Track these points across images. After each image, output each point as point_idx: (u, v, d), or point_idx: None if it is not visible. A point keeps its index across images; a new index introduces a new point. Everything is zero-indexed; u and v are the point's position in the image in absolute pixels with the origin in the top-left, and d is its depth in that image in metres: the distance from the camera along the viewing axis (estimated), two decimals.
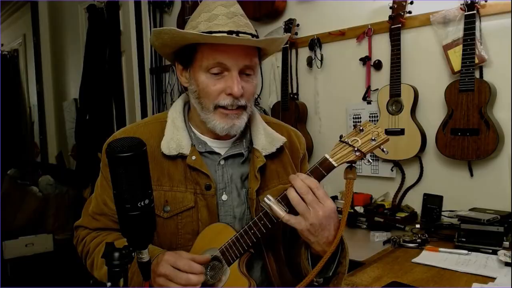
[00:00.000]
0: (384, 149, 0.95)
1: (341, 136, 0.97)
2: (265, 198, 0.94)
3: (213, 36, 0.96)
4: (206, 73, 1.01)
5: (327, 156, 0.94)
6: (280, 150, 1.13)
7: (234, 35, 0.96)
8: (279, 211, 0.92)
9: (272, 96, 2.60)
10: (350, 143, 0.94)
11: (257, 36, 1.02)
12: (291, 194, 0.92)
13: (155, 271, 0.93)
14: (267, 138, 1.11)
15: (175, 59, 1.10)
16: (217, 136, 1.10)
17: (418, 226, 1.90)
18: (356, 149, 0.93)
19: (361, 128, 0.95)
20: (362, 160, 0.95)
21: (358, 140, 0.94)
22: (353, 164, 0.95)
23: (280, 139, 1.13)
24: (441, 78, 1.94)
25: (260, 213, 0.97)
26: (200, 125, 1.11)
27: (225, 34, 0.96)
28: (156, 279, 0.93)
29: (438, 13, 1.91)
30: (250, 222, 0.98)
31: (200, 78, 1.02)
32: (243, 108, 1.03)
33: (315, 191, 0.91)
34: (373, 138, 0.93)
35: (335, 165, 0.93)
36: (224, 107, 1.01)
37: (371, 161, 0.96)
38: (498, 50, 1.78)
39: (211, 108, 1.02)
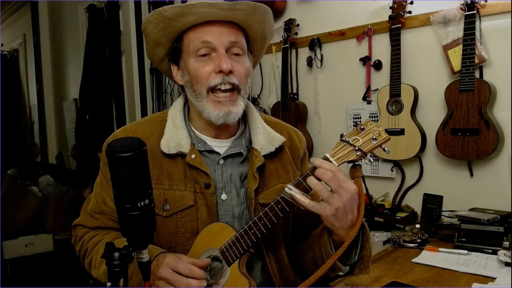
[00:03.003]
0: (386, 148, 0.95)
1: (341, 135, 0.96)
2: (286, 188, 0.93)
3: (189, 4, 0.97)
4: (195, 57, 1.02)
5: (328, 156, 0.94)
6: (280, 149, 1.13)
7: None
8: (302, 199, 0.91)
9: (272, 96, 2.60)
10: (351, 142, 0.93)
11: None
12: (312, 182, 0.91)
13: (155, 274, 0.93)
14: (266, 138, 1.11)
15: (169, 60, 1.11)
16: (216, 135, 1.10)
17: (418, 226, 1.90)
18: (357, 148, 0.93)
19: (362, 127, 0.94)
20: (363, 160, 0.94)
21: (359, 139, 0.93)
22: (357, 163, 0.95)
23: (279, 139, 1.12)
24: (441, 78, 1.94)
25: (260, 213, 0.97)
26: (199, 124, 1.11)
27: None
28: (156, 282, 0.93)
29: (438, 13, 1.90)
30: (250, 222, 0.98)
31: (190, 64, 1.03)
32: (237, 90, 1.03)
33: (336, 174, 0.90)
34: (374, 137, 0.93)
35: (336, 165, 0.93)
36: (216, 89, 1.01)
37: (372, 160, 0.95)
38: (498, 50, 1.78)
39: (204, 93, 1.02)
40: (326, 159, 0.94)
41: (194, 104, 1.07)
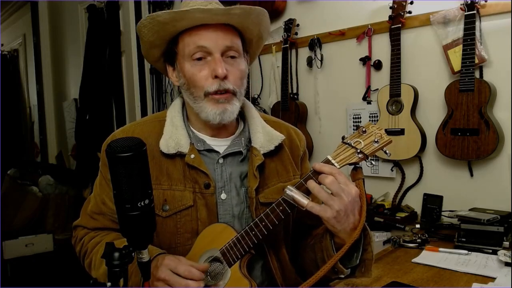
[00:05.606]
0: (387, 151, 0.95)
1: (343, 137, 0.96)
2: (287, 190, 0.93)
3: (183, 10, 0.97)
4: (190, 61, 1.03)
5: (330, 158, 0.94)
6: (279, 148, 1.13)
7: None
8: (303, 200, 0.91)
9: (272, 96, 2.60)
10: (352, 144, 0.93)
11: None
12: (311, 185, 0.91)
13: (154, 275, 0.93)
14: (265, 136, 1.11)
15: (164, 61, 1.12)
16: (215, 134, 1.10)
17: (418, 226, 1.90)
18: (359, 151, 0.93)
19: (363, 129, 0.94)
20: (364, 162, 0.94)
21: (360, 142, 0.93)
22: (358, 165, 0.94)
23: (278, 137, 1.12)
24: (441, 78, 1.94)
25: (261, 214, 0.97)
26: (198, 123, 1.11)
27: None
28: (155, 283, 0.93)
29: (438, 13, 1.90)
30: (251, 223, 0.98)
31: (186, 68, 1.03)
32: (232, 93, 1.03)
33: (337, 176, 0.91)
34: (376, 140, 0.92)
35: (338, 167, 0.93)
36: (213, 93, 1.02)
37: (373, 163, 0.95)
38: (498, 50, 1.78)
39: (202, 96, 1.03)
40: (328, 161, 0.93)
41: (192, 106, 1.07)
